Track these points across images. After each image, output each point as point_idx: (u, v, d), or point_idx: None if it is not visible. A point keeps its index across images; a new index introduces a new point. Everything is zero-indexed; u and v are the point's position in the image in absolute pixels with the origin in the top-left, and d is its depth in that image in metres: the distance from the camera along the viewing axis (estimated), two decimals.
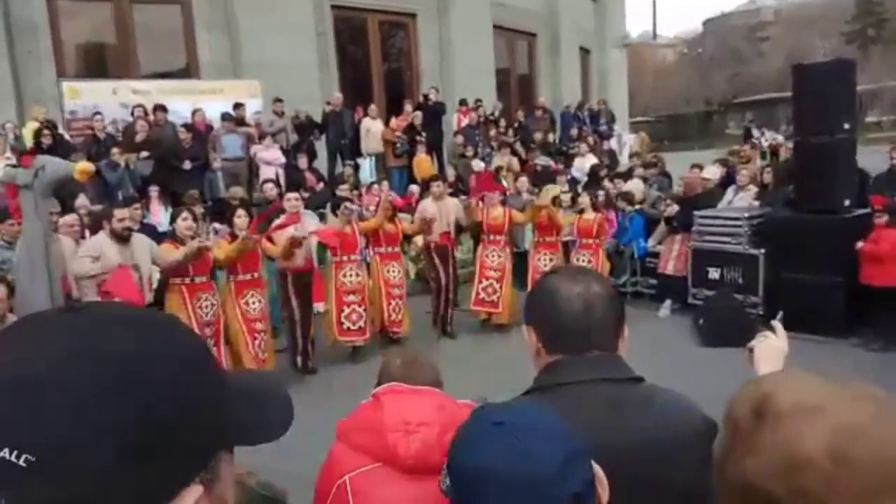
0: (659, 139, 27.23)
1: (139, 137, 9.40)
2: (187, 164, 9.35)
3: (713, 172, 9.39)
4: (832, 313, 6.55)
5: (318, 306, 6.86)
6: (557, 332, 1.27)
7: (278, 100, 10.91)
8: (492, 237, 7.80)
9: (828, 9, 44.33)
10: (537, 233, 8.04)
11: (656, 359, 4.58)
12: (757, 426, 0.83)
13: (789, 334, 1.76)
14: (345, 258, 6.82)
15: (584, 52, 19.65)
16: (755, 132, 20.68)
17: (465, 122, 12.69)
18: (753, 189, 8.34)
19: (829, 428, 0.77)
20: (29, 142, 8.89)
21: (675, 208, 8.16)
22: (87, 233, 6.32)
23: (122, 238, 5.32)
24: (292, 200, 6.66)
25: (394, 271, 7.25)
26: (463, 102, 13.02)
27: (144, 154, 9.28)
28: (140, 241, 5.52)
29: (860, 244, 6.42)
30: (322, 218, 7.81)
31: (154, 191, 8.71)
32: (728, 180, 9.37)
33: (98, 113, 9.71)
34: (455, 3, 14.39)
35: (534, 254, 8.05)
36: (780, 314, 1.74)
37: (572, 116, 14.68)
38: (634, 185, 9.66)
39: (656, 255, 8.43)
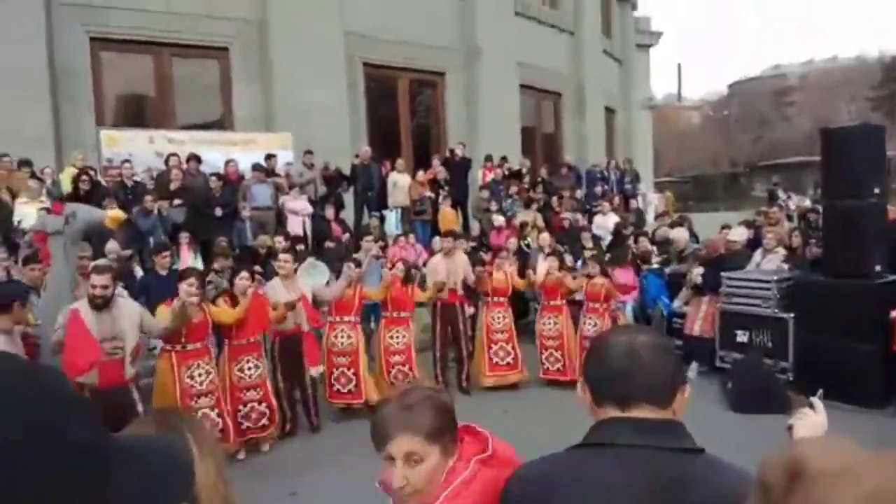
0: (684, 199, 27.21)
1: (173, 185, 9.62)
2: (218, 211, 9.52)
3: (739, 234, 9.32)
4: (867, 382, 6.36)
5: (313, 370, 6.41)
6: (601, 378, 1.25)
7: (308, 152, 11.15)
8: (495, 299, 7.74)
9: (853, 74, 44.64)
10: (543, 296, 8.00)
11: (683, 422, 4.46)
12: (790, 490, 0.80)
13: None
14: (338, 319, 6.65)
15: (609, 112, 19.92)
16: (781, 195, 20.58)
17: (490, 177, 12.82)
18: (782, 252, 8.24)
19: (863, 493, 0.74)
20: (67, 187, 9.13)
21: (700, 269, 8.08)
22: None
23: (97, 306, 4.79)
24: (282, 262, 6.35)
25: (397, 337, 7.01)
26: (488, 158, 13.19)
27: (177, 202, 9.48)
28: (127, 308, 5.06)
29: (894, 313, 6.27)
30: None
31: (185, 237, 8.84)
32: (755, 242, 9.29)
33: (127, 160, 9.96)
34: (483, 62, 14.75)
35: (539, 317, 8.00)
36: (820, 392, 1.70)
37: (597, 175, 14.76)
38: (679, 234, 9.60)
39: (682, 315, 8.31)
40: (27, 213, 7.85)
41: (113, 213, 5.47)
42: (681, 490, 1.11)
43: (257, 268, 7.02)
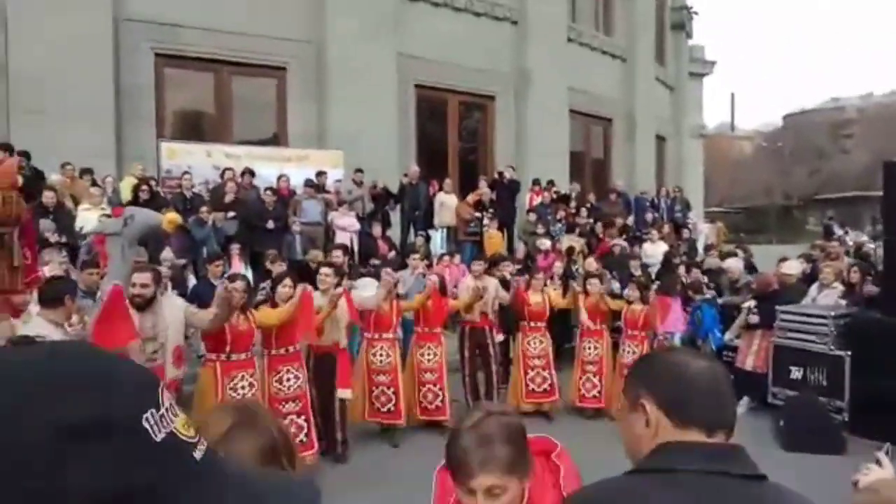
0: (735, 231, 26.64)
1: (227, 198, 9.86)
2: (270, 224, 9.72)
3: (794, 267, 9.07)
4: None
5: (344, 393, 6.02)
6: (692, 401, 1.19)
7: (359, 170, 11.31)
8: (532, 324, 7.50)
9: None
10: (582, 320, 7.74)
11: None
12: None
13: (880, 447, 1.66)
14: (377, 336, 6.44)
15: (660, 139, 19.72)
16: (837, 229, 19.98)
17: (537, 200, 12.78)
18: (839, 287, 7.97)
19: None
20: (127, 195, 9.44)
21: (752, 303, 7.86)
22: (170, 285, 6.57)
23: (138, 306, 4.67)
24: (322, 276, 6.13)
25: (429, 354, 6.80)
26: (536, 182, 13.17)
27: (231, 214, 9.71)
28: (170, 306, 4.94)
29: None
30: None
31: (236, 248, 9.04)
32: (810, 277, 9.02)
33: (187, 172, 10.29)
34: (533, 87, 14.81)
35: (579, 342, 7.79)
36: (887, 446, 1.63)
37: (647, 202, 14.57)
38: (732, 264, 9.39)
39: (734, 348, 8.09)
40: (89, 218, 8.13)
41: (170, 216, 5.61)
42: None
43: (307, 285, 6.96)
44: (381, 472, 5.73)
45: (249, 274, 8.36)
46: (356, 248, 10.34)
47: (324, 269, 6.31)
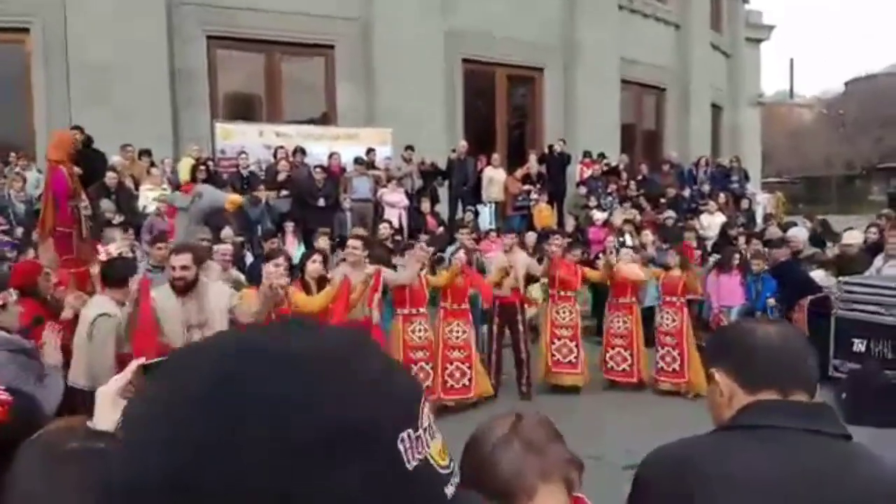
0: (794, 202, 25.77)
1: (280, 177, 10.07)
2: (321, 202, 9.88)
3: (855, 237, 8.75)
4: None
5: None
6: (758, 365, 1.20)
7: (409, 147, 11.34)
8: (562, 293, 7.22)
9: None
10: (611, 293, 7.51)
11: None
12: None
13: None
14: (413, 311, 6.24)
15: (716, 108, 19.13)
16: None
17: (587, 173, 12.61)
18: None
19: None
20: (185, 176, 9.72)
21: (820, 272, 7.65)
22: (230, 263, 6.73)
23: (179, 290, 4.28)
24: (350, 249, 5.86)
25: (458, 331, 6.57)
26: (587, 155, 12.98)
27: (284, 192, 9.90)
28: (216, 292, 4.49)
29: None
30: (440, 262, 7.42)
31: (290, 226, 9.22)
32: (876, 247, 8.67)
33: (243, 152, 10.53)
34: (583, 58, 14.51)
35: (607, 315, 7.54)
36: None
37: (703, 173, 14.19)
38: (796, 233, 9.13)
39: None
40: (151, 198, 8.41)
41: (232, 197, 5.75)
42: (843, 471, 1.09)
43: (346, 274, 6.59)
44: None
45: (299, 252, 8.49)
46: (405, 224, 10.42)
47: (352, 242, 6.04)
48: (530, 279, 7.66)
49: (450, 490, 0.49)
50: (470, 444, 1.16)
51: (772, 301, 7.68)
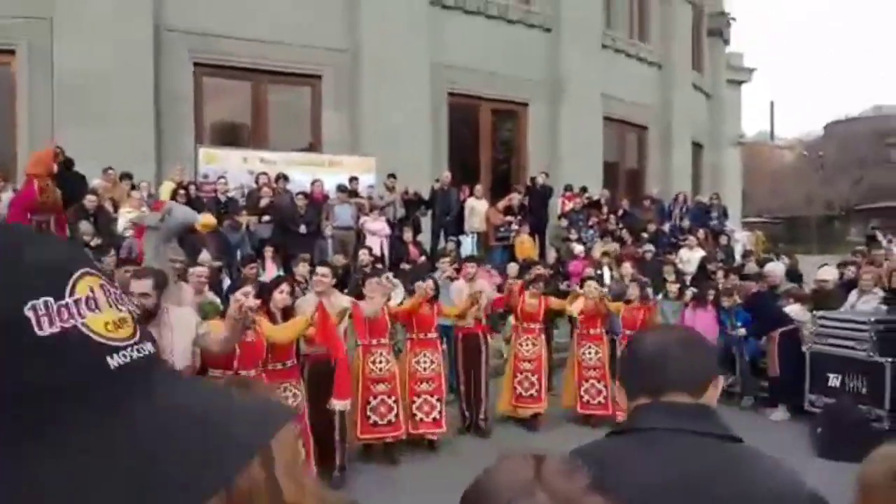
0: (775, 241, 26.09)
1: (263, 202, 10.05)
2: (303, 228, 9.87)
3: (830, 273, 8.88)
4: None
5: (340, 404, 5.35)
6: (632, 373, 1.26)
7: (391, 175, 11.40)
8: (526, 325, 7.21)
9: None
10: (581, 324, 7.48)
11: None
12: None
13: None
14: (374, 342, 5.94)
15: (697, 147, 19.45)
16: (881, 237, 19.38)
17: (569, 206, 12.72)
18: (879, 293, 7.75)
19: None
20: (165, 198, 9.65)
21: (795, 307, 7.73)
22: (206, 287, 6.66)
23: (137, 318, 4.02)
24: (319, 277, 5.70)
25: (425, 361, 6.32)
26: (568, 188, 13.11)
27: (266, 218, 9.88)
28: (179, 319, 4.20)
29: None
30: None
31: (269, 251, 9.17)
32: (850, 284, 8.79)
33: (222, 177, 10.53)
34: (567, 94, 14.76)
35: (577, 348, 7.50)
36: None
37: (682, 209, 14.35)
38: (775, 267, 9.24)
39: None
40: (129, 219, 8.35)
41: (205, 219, 5.68)
42: (722, 476, 1.07)
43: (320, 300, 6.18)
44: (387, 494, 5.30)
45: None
46: (386, 253, 10.41)
47: (321, 269, 5.88)
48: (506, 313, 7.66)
49: (117, 360, 0.48)
50: (473, 497, 0.84)
51: (742, 331, 7.76)
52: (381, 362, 5.97)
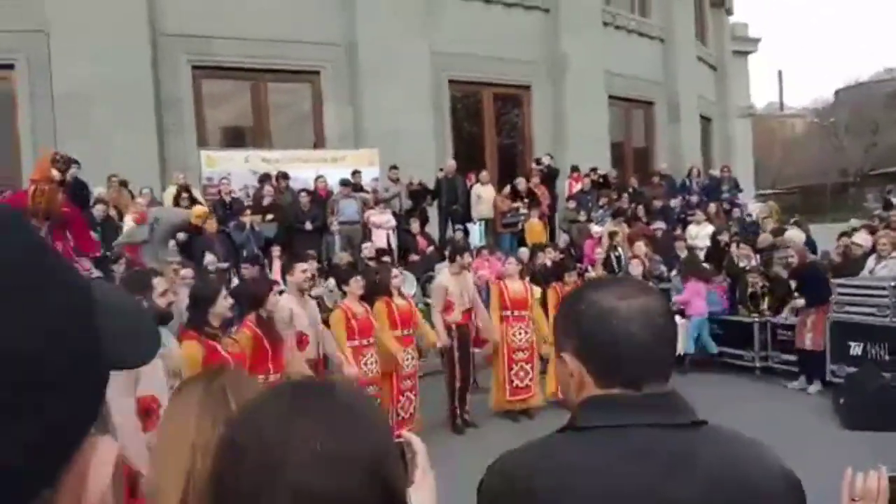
0: (789, 211, 25.80)
1: (266, 201, 10.00)
2: (308, 225, 9.82)
3: (864, 238, 8.73)
4: None
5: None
6: (612, 360, 1.01)
7: (393, 167, 11.31)
8: (515, 313, 6.84)
9: None
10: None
11: (793, 439, 4.10)
12: None
13: None
14: (363, 342, 5.83)
15: (705, 120, 19.15)
16: None
17: (577, 187, 12.57)
18: None
19: None
20: (169, 204, 9.64)
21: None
22: None
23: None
24: (297, 273, 5.36)
25: (407, 359, 6.17)
26: (575, 169, 12.95)
27: (270, 217, 9.84)
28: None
29: None
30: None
31: (276, 251, 9.13)
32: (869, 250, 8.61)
33: (225, 178, 10.50)
34: (569, 74, 14.53)
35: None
36: None
37: (693, 183, 14.12)
38: (795, 235, 9.07)
39: (790, 327, 7.78)
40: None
41: (198, 211, 5.60)
42: (689, 466, 0.95)
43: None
44: None
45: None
46: (394, 245, 10.34)
47: (299, 266, 5.55)
48: None
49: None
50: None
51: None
52: (370, 363, 5.84)
